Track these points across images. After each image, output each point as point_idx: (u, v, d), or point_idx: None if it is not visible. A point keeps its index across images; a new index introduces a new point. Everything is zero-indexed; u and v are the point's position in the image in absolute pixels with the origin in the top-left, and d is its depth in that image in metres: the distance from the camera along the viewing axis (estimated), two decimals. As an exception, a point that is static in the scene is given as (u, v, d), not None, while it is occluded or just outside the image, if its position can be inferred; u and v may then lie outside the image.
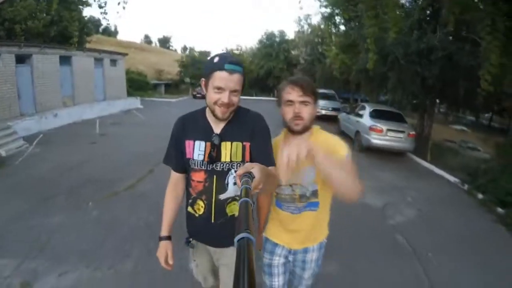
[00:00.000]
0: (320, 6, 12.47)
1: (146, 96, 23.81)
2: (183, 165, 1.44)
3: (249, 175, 0.83)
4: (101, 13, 14.01)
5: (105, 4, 12.78)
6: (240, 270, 0.40)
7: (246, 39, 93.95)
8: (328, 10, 12.08)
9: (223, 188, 1.36)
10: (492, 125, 21.79)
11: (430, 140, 8.84)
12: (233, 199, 1.38)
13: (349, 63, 12.61)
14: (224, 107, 1.25)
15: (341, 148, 1.42)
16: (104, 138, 9.66)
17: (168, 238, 1.52)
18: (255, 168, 0.88)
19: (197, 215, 1.43)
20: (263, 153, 1.31)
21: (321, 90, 15.11)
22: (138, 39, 73.15)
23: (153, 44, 72.29)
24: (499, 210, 5.09)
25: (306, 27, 31.79)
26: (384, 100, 17.70)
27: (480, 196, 5.69)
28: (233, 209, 1.39)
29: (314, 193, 1.50)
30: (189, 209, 1.46)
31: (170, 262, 1.50)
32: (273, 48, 33.43)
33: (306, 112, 1.41)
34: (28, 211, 4.23)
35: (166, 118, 11.38)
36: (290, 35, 35.23)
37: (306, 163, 1.31)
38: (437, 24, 7.40)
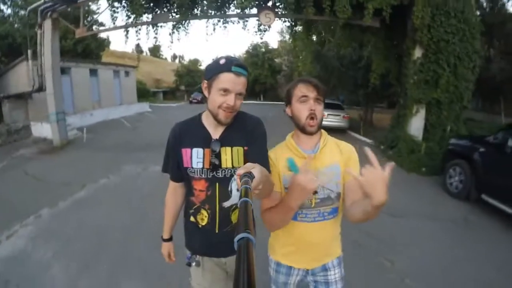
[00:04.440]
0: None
1: (148, 102, 27.35)
2: (180, 175, 1.38)
3: (249, 175, 0.81)
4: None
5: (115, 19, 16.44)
6: (240, 270, 0.39)
7: (234, 48, 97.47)
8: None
9: (226, 195, 1.29)
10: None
11: (362, 122, 12.73)
12: (238, 206, 1.19)
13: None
14: (228, 110, 1.20)
15: (358, 169, 1.31)
16: (136, 128, 13.38)
17: (170, 239, 1.57)
18: (256, 169, 0.86)
19: (200, 225, 1.35)
20: (260, 159, 1.18)
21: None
22: (129, 48, 76.31)
23: (144, 53, 75.46)
24: (390, 152, 8.68)
25: (287, 36, 36.01)
26: (342, 98, 21.57)
27: (382, 147, 9.32)
28: None
29: (338, 196, 1.32)
30: (191, 219, 1.37)
31: (173, 258, 1.59)
32: (258, 57, 37.44)
33: (319, 111, 1.29)
34: (123, 153, 7.85)
35: (172, 116, 15.09)
36: (274, 44, 39.30)
37: (329, 159, 1.30)
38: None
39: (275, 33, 67.18)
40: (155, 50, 79.25)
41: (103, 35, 21.48)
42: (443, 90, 7.40)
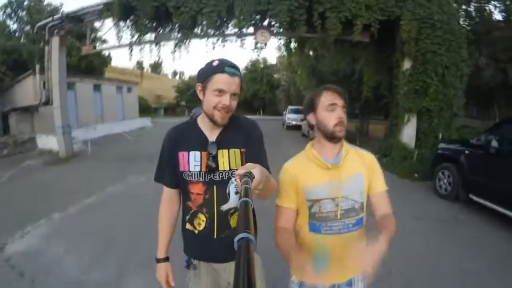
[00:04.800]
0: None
1: (150, 117, 27.86)
2: (176, 180, 1.35)
3: (249, 175, 0.81)
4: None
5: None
6: (240, 270, 0.39)
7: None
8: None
9: (224, 198, 1.27)
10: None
11: (358, 133, 13.08)
12: (236, 209, 1.27)
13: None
14: (224, 110, 1.20)
15: (381, 179, 1.34)
16: (138, 141, 13.70)
17: (166, 259, 1.41)
18: (256, 169, 0.86)
19: (196, 231, 1.31)
20: (259, 160, 1.14)
21: (295, 107, 19.38)
22: (130, 64, 77.71)
23: (145, 70, 76.84)
24: (384, 160, 8.92)
25: (285, 52, 36.87)
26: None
27: (376, 156, 9.67)
28: None
29: (362, 206, 1.31)
30: (188, 226, 1.34)
31: (172, 284, 1.40)
32: (257, 73, 38.23)
33: (345, 119, 1.28)
34: (128, 164, 8.15)
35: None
36: (273, 60, 40.21)
37: (352, 169, 1.29)
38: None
39: (274, 49, 69.72)
40: (156, 67, 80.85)
41: (106, 51, 22.14)
42: (432, 98, 7.73)
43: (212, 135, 1.29)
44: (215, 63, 1.20)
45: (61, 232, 4.11)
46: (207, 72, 1.20)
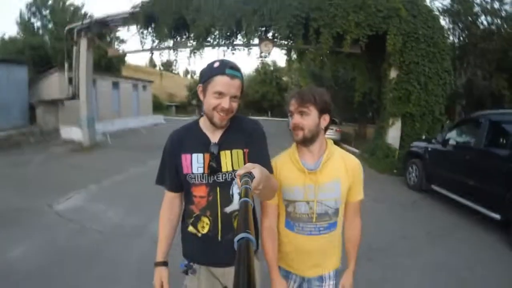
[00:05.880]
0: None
1: (162, 115, 29.24)
2: (179, 183, 1.34)
3: (249, 175, 0.81)
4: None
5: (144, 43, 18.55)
6: (240, 270, 0.40)
7: (244, 66, 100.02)
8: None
9: (228, 200, 1.26)
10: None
11: (354, 135, 14.10)
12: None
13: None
14: (223, 113, 1.19)
15: (361, 186, 1.42)
16: (152, 135, 15.02)
17: (164, 264, 1.38)
18: (256, 169, 0.86)
19: (200, 234, 1.30)
20: (261, 160, 1.15)
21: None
22: (142, 62, 79.41)
23: (157, 68, 78.33)
24: (370, 159, 9.89)
25: (295, 56, 37.88)
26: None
27: (365, 155, 10.58)
28: None
29: (336, 212, 1.37)
30: (190, 228, 1.32)
31: None
32: (267, 75, 39.39)
33: (305, 123, 1.30)
34: (145, 152, 9.37)
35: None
36: (283, 63, 41.23)
37: (331, 176, 1.32)
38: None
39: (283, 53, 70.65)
40: (168, 65, 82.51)
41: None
42: (415, 104, 8.70)
43: (214, 136, 1.28)
44: (216, 64, 1.19)
45: (99, 197, 5.32)
46: (208, 73, 1.19)
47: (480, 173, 4.73)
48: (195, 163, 1.27)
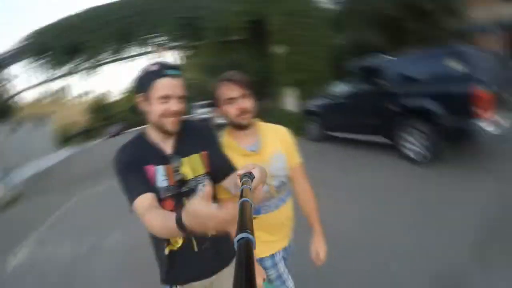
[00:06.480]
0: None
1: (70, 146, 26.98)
2: (148, 185, 1.11)
3: (249, 175, 0.80)
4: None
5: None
6: (240, 271, 0.39)
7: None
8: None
9: None
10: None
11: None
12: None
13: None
14: (174, 116, 1.12)
15: (296, 151, 1.45)
16: (67, 170, 14.27)
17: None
18: (256, 169, 0.85)
19: (175, 249, 1.19)
20: (223, 160, 1.20)
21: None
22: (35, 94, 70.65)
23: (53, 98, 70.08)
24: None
25: (188, 55, 38.34)
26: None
27: None
28: None
29: (288, 178, 1.43)
30: (166, 250, 1.19)
31: None
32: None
33: (250, 105, 1.31)
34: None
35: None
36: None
37: (272, 150, 1.36)
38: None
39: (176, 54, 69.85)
40: (60, 92, 73.64)
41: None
42: (304, 71, 9.82)
43: (166, 146, 1.19)
44: (154, 68, 1.10)
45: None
46: (148, 80, 1.10)
47: (365, 112, 5.86)
48: (160, 176, 1.15)
